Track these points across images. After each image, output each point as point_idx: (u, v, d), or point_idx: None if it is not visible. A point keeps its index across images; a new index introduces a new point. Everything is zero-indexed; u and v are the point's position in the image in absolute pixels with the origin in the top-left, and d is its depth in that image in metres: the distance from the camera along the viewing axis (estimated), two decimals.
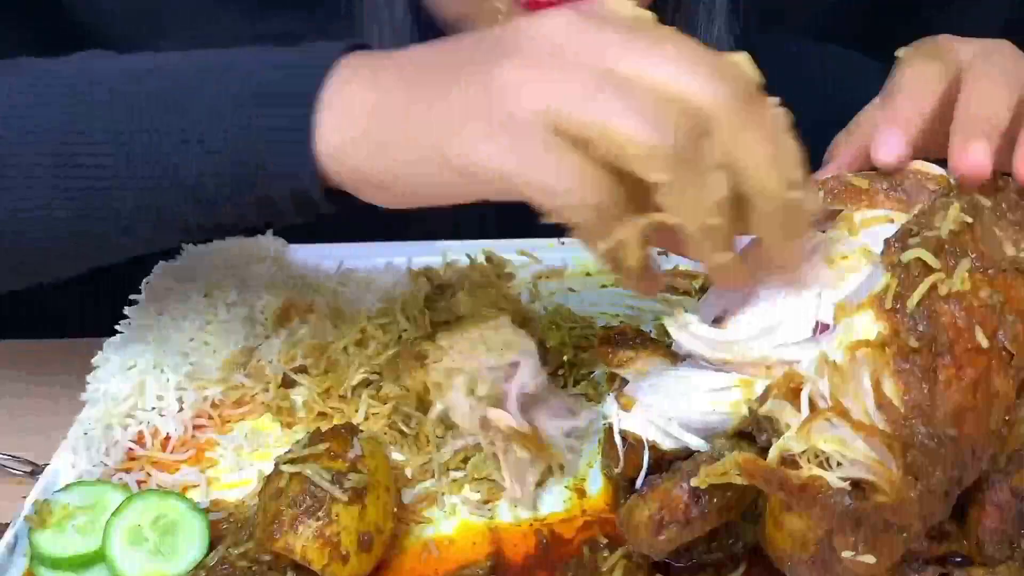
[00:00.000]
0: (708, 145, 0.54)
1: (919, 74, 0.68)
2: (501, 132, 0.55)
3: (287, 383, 0.84)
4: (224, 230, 0.76)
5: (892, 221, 0.65)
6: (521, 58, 0.56)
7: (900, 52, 0.70)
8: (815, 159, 0.65)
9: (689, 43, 0.56)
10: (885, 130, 0.66)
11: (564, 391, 0.80)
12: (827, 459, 0.56)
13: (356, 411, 0.81)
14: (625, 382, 0.70)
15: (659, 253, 1.01)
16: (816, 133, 0.72)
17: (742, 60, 0.57)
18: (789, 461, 0.57)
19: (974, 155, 0.62)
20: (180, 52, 0.69)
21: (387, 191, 0.62)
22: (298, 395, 0.83)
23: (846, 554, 0.56)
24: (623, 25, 0.57)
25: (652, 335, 0.72)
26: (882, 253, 0.60)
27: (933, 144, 0.66)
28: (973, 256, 0.58)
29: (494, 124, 0.55)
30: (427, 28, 1.00)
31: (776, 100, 0.57)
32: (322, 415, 0.81)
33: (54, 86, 0.68)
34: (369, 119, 0.61)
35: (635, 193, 0.55)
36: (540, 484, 0.75)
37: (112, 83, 0.67)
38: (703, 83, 0.54)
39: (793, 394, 0.58)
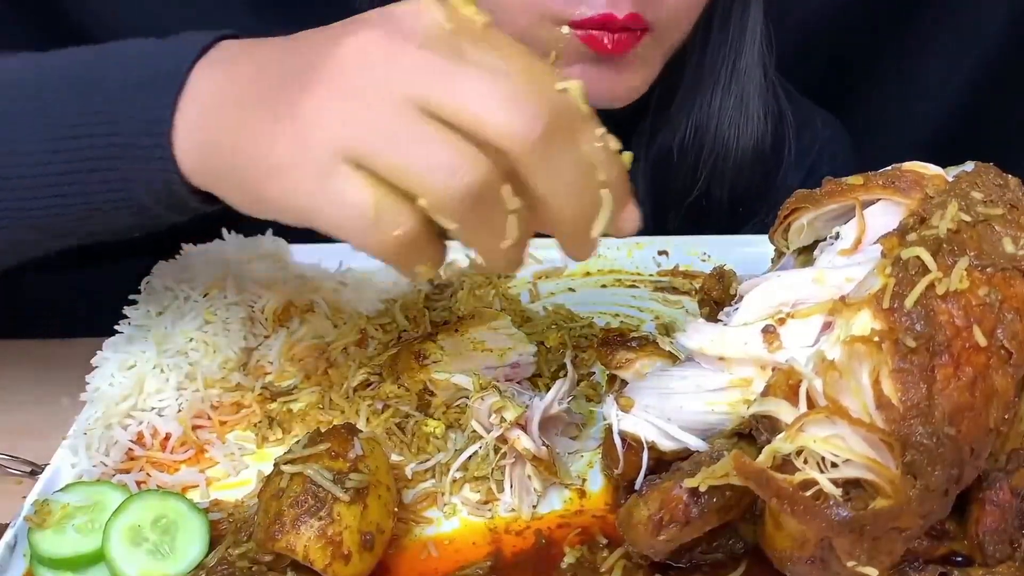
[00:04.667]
0: (506, 189, 0.54)
1: None
2: (296, 169, 0.56)
3: (274, 396, 0.84)
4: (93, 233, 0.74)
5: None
6: (326, 88, 0.56)
7: None
8: None
9: (507, 65, 0.55)
10: None
11: (573, 401, 0.80)
12: (822, 459, 0.56)
13: (356, 412, 0.81)
14: (624, 383, 0.70)
15: (659, 252, 1.02)
16: None
17: (573, 87, 0.56)
18: (786, 464, 0.56)
19: None
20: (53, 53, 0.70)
21: (225, 195, 0.63)
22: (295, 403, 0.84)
23: (849, 564, 0.56)
24: (434, 45, 0.55)
25: (651, 335, 0.72)
26: (882, 251, 0.60)
27: None
28: (972, 254, 0.58)
29: (296, 161, 0.56)
30: None
31: (601, 130, 0.57)
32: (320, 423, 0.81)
33: None
34: (210, 128, 0.62)
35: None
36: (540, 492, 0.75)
37: None
38: (509, 118, 0.53)
39: (792, 391, 0.58)
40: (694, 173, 1.10)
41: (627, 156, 0.59)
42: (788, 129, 1.14)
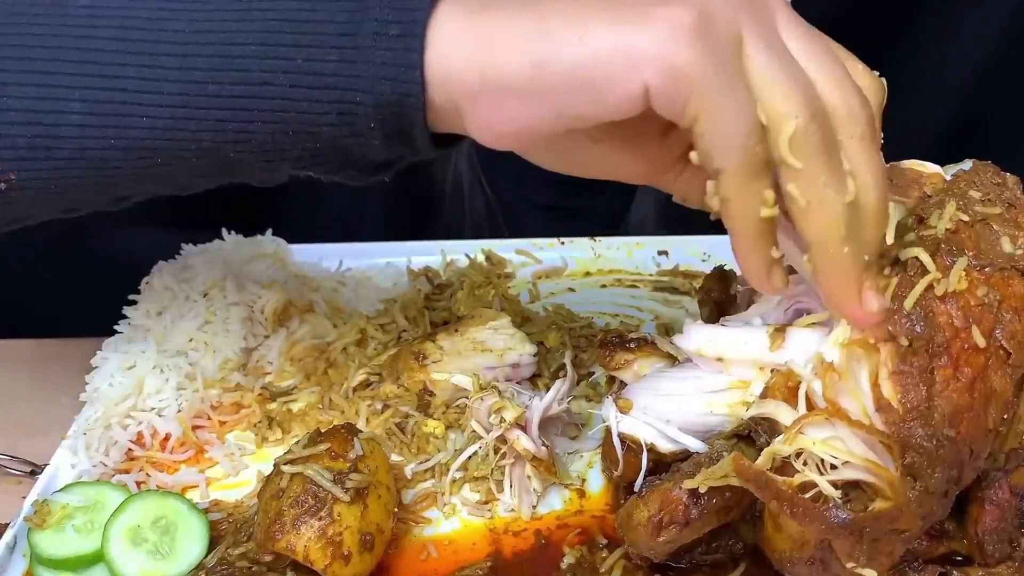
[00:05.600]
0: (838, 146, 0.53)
1: None
2: (698, 27, 0.51)
3: (274, 396, 0.84)
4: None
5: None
6: None
7: None
8: None
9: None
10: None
11: (573, 402, 0.80)
12: (821, 462, 0.55)
13: (356, 412, 0.81)
14: (623, 385, 0.70)
15: (659, 252, 1.02)
16: None
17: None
18: (786, 466, 0.56)
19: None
20: None
21: (510, 92, 0.54)
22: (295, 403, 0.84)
23: (849, 565, 0.56)
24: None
25: (650, 336, 0.72)
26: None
27: None
28: (970, 254, 0.57)
29: (693, 14, 0.51)
30: None
31: None
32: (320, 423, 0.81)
33: None
34: (490, 23, 0.54)
35: None
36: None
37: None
38: (858, 80, 0.54)
39: (791, 393, 0.58)
40: None
41: None
42: None
